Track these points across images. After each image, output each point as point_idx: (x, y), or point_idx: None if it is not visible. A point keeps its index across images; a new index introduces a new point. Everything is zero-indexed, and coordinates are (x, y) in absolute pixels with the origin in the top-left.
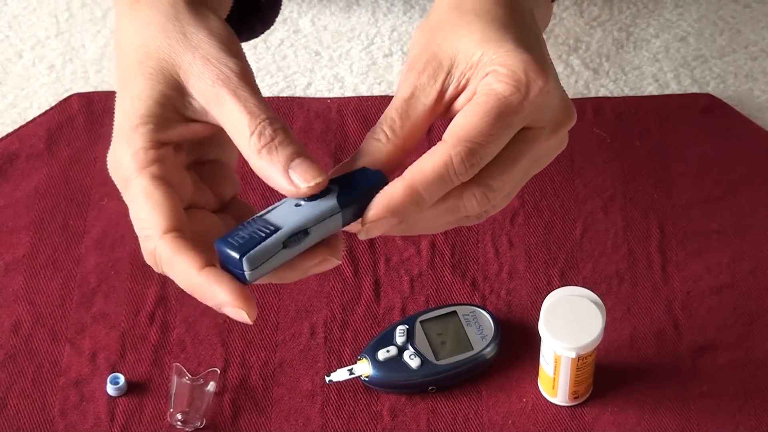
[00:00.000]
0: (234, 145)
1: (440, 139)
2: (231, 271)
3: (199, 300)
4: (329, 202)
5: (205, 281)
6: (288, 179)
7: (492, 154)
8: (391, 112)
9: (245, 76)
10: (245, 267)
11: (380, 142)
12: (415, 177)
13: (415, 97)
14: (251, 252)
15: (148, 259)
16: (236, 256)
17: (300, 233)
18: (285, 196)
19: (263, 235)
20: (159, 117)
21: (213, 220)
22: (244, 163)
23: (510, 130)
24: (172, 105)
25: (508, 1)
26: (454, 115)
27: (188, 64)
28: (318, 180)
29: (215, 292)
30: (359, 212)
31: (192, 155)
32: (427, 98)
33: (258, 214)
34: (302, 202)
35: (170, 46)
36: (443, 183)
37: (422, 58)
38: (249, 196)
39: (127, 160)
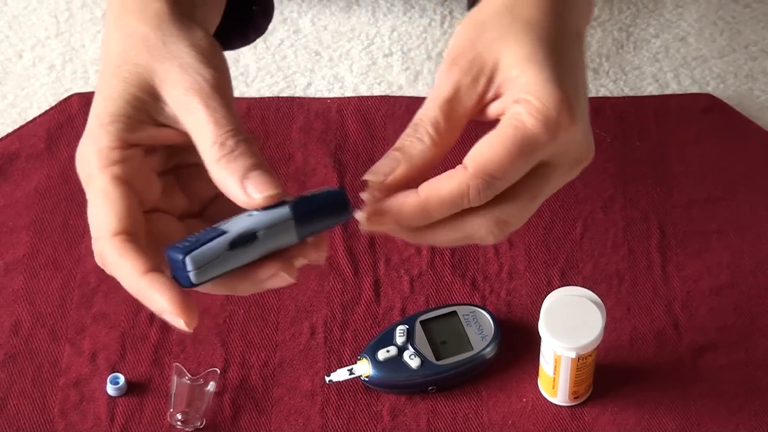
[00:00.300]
0: None
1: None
2: (178, 275)
3: (145, 305)
4: (282, 210)
5: (146, 285)
6: (242, 189)
7: (507, 185)
8: (435, 112)
9: (219, 87)
10: (189, 266)
11: (425, 144)
12: (430, 196)
13: (458, 97)
14: (195, 252)
15: (97, 260)
16: (180, 256)
17: (248, 236)
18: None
19: (209, 237)
20: (129, 117)
21: (176, 227)
22: None
23: (530, 164)
24: (144, 108)
25: (559, 16)
26: (486, 119)
27: (164, 71)
28: (272, 192)
29: (154, 297)
30: (316, 225)
31: (172, 161)
32: (469, 100)
33: (216, 224)
34: (255, 212)
35: (149, 54)
36: (455, 206)
37: (467, 55)
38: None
39: (92, 158)
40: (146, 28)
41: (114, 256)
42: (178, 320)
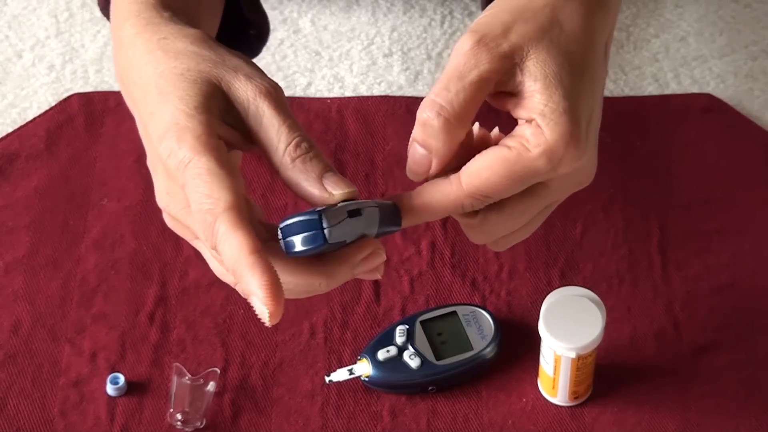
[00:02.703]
0: (241, 179)
1: None
2: (309, 237)
3: (235, 283)
4: (367, 201)
5: (250, 265)
6: (321, 186)
7: (500, 198)
8: (464, 96)
9: (282, 96)
10: (325, 223)
11: (454, 137)
12: (425, 207)
13: (486, 85)
14: (327, 210)
15: (205, 233)
16: (315, 216)
17: (356, 210)
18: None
19: (328, 206)
20: (211, 111)
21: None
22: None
23: (525, 186)
24: (217, 105)
25: (594, 29)
26: (494, 103)
27: (230, 78)
28: (350, 189)
29: (252, 278)
30: (384, 226)
31: None
32: (492, 87)
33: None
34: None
35: (211, 64)
36: (447, 214)
37: (497, 40)
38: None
39: (188, 145)
40: (196, 48)
41: (225, 229)
42: (263, 309)
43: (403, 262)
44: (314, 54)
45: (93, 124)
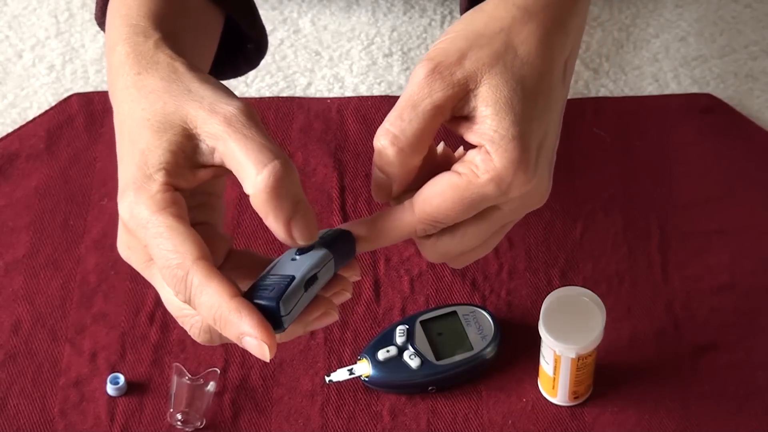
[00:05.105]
0: (221, 207)
1: None
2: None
3: (221, 330)
4: (321, 252)
5: (235, 309)
6: (288, 233)
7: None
8: (418, 127)
9: (250, 115)
10: (282, 311)
11: (413, 165)
12: (380, 234)
13: (441, 114)
14: (283, 296)
15: (177, 287)
16: (272, 303)
17: (312, 277)
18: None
19: (285, 283)
20: (170, 163)
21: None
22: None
23: (476, 211)
24: (181, 151)
25: (549, 50)
26: (449, 126)
27: (195, 110)
28: (314, 239)
29: (242, 321)
30: (341, 263)
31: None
32: (449, 114)
33: (264, 273)
34: (297, 257)
35: (176, 102)
36: (402, 239)
37: (452, 68)
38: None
39: (145, 205)
40: (165, 83)
41: (200, 280)
42: (262, 347)
43: (403, 262)
44: (314, 54)
45: (93, 124)
